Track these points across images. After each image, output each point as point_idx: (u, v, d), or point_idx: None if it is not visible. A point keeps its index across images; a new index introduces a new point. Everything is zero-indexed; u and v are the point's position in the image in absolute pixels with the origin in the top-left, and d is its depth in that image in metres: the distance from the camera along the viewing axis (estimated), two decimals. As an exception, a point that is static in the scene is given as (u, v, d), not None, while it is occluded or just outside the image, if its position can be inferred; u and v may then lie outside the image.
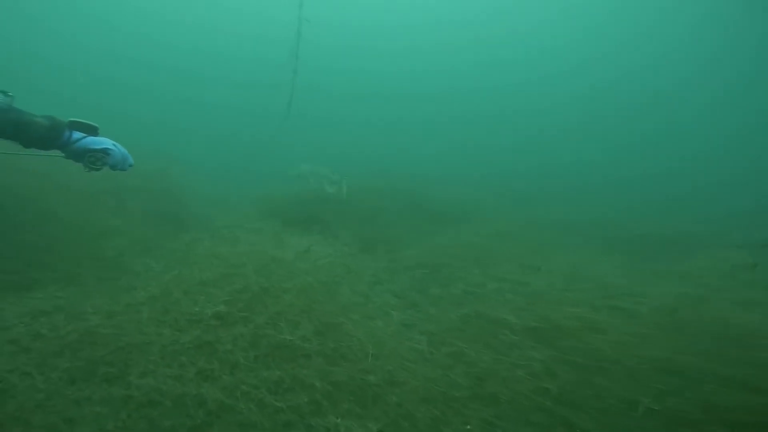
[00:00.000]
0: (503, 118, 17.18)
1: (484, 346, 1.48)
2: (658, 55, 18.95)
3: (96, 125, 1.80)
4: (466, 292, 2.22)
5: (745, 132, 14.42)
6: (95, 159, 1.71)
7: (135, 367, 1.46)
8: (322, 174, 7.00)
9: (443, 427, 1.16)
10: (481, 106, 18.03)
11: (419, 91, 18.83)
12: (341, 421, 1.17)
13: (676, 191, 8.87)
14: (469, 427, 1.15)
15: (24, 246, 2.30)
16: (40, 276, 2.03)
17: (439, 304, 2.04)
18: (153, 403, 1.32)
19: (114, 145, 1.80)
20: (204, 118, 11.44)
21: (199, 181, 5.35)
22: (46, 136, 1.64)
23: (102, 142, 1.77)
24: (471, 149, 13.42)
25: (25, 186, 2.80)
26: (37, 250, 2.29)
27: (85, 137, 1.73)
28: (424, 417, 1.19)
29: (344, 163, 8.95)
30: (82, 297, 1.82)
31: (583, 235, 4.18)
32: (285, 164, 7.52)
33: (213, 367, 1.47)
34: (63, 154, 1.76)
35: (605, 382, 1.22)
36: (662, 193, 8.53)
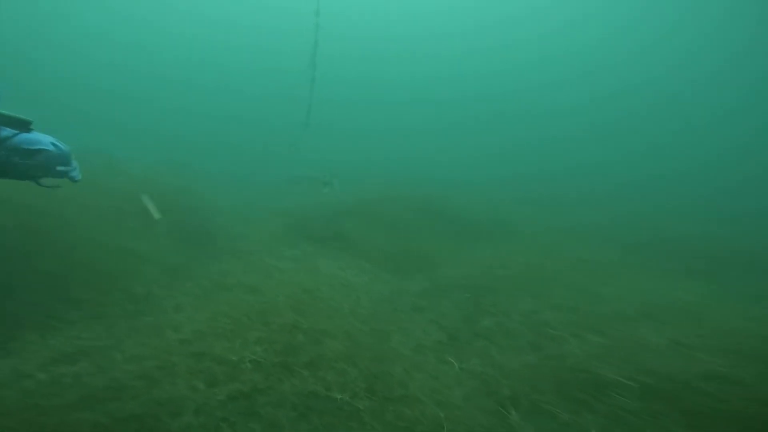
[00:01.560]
0: (519, 121, 16.94)
1: (586, 410, 1.19)
2: (676, 58, 18.40)
3: (29, 119, 1.56)
4: (526, 327, 1.96)
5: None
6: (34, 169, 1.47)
7: (165, 429, 1.28)
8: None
9: None
10: (497, 109, 17.87)
11: (433, 97, 18.80)
12: None
13: (704, 192, 8.44)
14: None
15: (48, 274, 2.19)
16: (65, 311, 1.90)
17: (499, 344, 1.79)
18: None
19: (53, 143, 1.57)
20: (225, 130, 11.62)
21: (222, 194, 5.27)
22: None
23: (37, 140, 1.53)
24: (486, 153, 13.20)
25: (48, 207, 2.73)
26: (62, 279, 2.19)
27: (17, 134, 1.50)
28: None
29: (363, 172, 8.87)
30: (108, 338, 1.68)
31: (635, 249, 3.82)
32: (305, 173, 7.51)
33: (253, 430, 1.28)
34: None
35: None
36: (690, 194, 8.08)
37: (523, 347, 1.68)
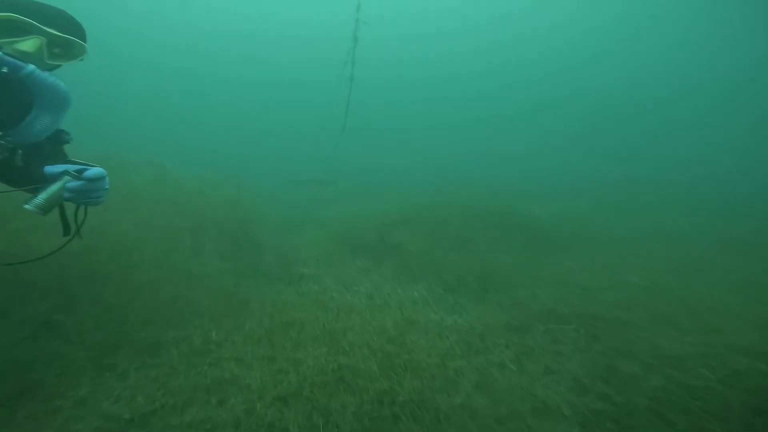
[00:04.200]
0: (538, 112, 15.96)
1: None
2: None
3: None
4: (728, 387, 1.40)
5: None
6: None
7: None
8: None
9: None
10: (538, 99, 16.88)
11: (463, 92, 18.20)
12: None
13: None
14: None
15: (104, 303, 2.01)
16: (117, 356, 1.67)
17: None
18: None
19: None
20: (265, 141, 11.80)
21: (264, 205, 5.10)
22: None
23: None
24: (532, 148, 12.42)
25: (104, 224, 2.59)
26: (117, 309, 1.99)
27: None
28: None
29: (403, 174, 8.50)
30: (164, 396, 1.40)
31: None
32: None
33: None
34: None
35: None
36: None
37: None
